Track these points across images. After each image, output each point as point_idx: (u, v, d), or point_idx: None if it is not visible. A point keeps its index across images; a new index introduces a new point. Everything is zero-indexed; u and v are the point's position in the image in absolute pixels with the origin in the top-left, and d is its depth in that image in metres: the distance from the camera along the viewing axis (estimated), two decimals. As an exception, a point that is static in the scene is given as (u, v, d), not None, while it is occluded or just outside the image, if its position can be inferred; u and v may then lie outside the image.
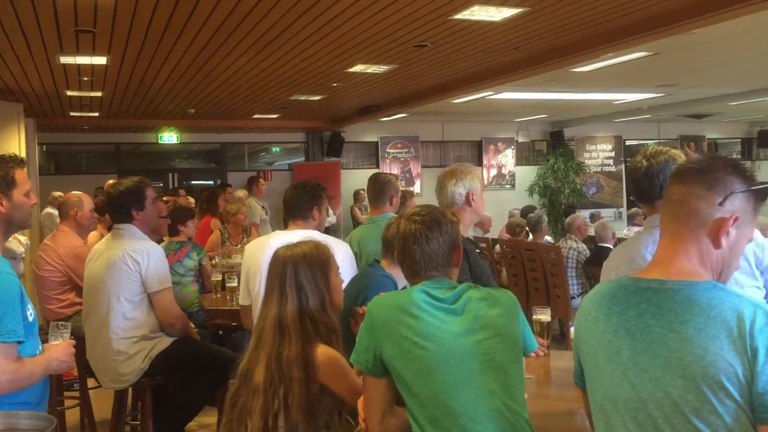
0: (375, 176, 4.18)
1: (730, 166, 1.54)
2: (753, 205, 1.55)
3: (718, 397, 1.37)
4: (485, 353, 1.91)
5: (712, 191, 1.51)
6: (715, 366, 1.38)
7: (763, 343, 1.36)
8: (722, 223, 1.50)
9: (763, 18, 5.23)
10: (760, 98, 10.43)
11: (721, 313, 1.41)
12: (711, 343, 1.39)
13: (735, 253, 1.56)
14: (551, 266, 7.20)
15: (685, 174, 1.57)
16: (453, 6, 4.84)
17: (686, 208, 1.54)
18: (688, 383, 1.40)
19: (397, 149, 13.49)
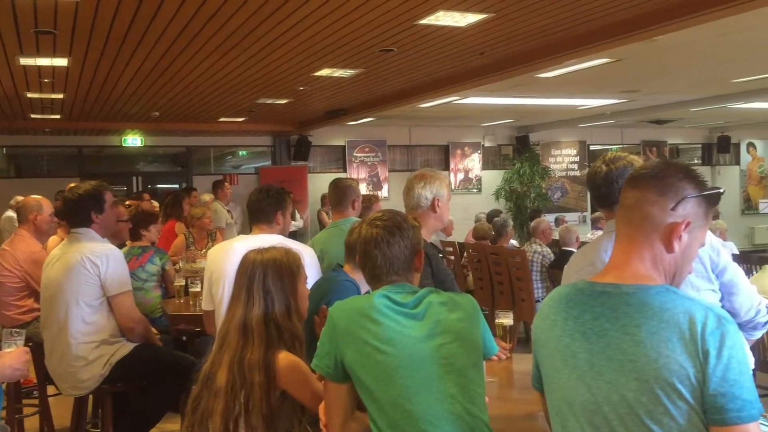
0: (336, 181, 4.19)
1: (682, 171, 1.57)
2: (704, 210, 1.57)
3: (671, 398, 1.39)
4: (445, 357, 1.92)
5: (664, 196, 1.53)
6: (668, 368, 1.40)
7: (714, 345, 1.39)
8: (674, 228, 1.53)
9: (721, 26, 5.35)
10: (720, 105, 10.64)
11: (674, 316, 1.43)
12: (664, 346, 1.41)
13: (687, 257, 1.58)
14: (516, 270, 7.26)
15: (639, 179, 1.59)
16: (418, 11, 4.86)
17: (640, 213, 1.56)
18: (642, 385, 1.42)
19: (365, 153, 13.50)
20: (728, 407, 1.37)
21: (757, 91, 9.54)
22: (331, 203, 4.21)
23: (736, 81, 8.81)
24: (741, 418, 1.37)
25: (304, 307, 2.54)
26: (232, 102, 9.04)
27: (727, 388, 1.37)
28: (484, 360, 2.07)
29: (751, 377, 1.42)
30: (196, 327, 4.51)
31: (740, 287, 2.51)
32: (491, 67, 6.86)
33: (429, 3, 4.66)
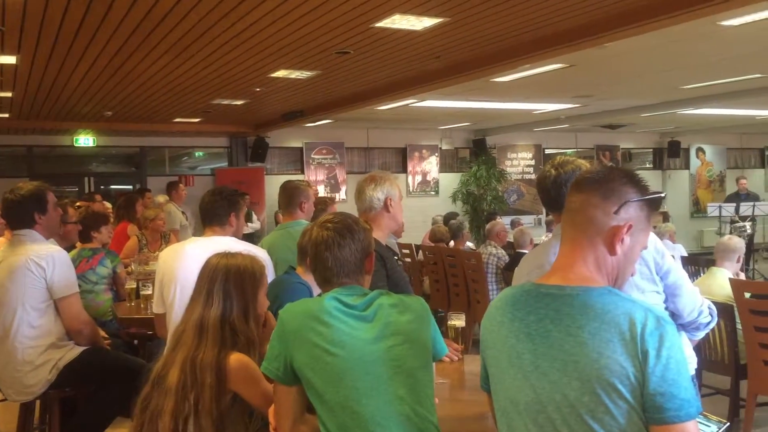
0: (285, 184, 4.19)
1: (625, 176, 1.60)
2: (646, 214, 1.61)
3: (612, 398, 1.42)
4: (395, 359, 1.93)
5: (607, 200, 1.57)
6: (609, 369, 1.42)
7: (654, 346, 1.42)
8: (617, 231, 1.56)
9: (668, 35, 5.49)
10: (669, 110, 10.90)
11: (615, 317, 1.46)
12: (605, 347, 1.44)
13: (629, 260, 1.62)
14: (472, 272, 7.33)
15: (584, 183, 1.62)
16: (374, 14, 4.88)
17: (583, 216, 1.59)
18: (584, 385, 1.45)
19: (322, 155, 13.47)
20: (667, 406, 1.40)
21: (705, 97, 9.81)
22: (280, 205, 4.20)
23: (684, 87, 9.04)
24: (679, 417, 1.40)
25: (263, 315, 2.54)
26: (187, 102, 8.93)
27: (666, 388, 1.40)
28: (434, 361, 2.09)
29: (689, 377, 1.45)
30: (147, 330, 4.44)
31: (683, 289, 2.57)
32: (447, 71, 6.92)
33: (385, 6, 4.68)
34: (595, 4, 4.71)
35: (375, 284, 2.87)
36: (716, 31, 5.70)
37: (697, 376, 4.98)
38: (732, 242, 5.17)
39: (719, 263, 5.15)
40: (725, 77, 8.21)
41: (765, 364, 4.44)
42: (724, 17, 5.21)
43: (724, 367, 4.83)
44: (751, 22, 5.41)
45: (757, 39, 6.14)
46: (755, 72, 7.95)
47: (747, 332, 4.54)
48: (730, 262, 5.10)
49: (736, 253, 5.12)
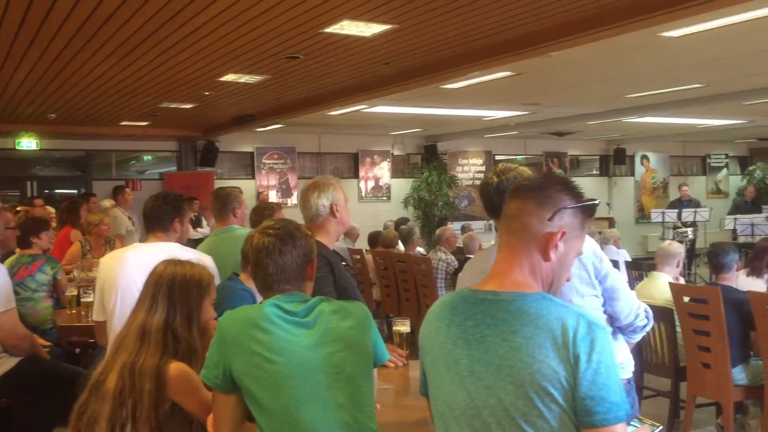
0: (216, 191, 4.18)
1: (560, 183, 1.63)
2: (580, 221, 1.63)
3: (544, 402, 1.45)
4: (335, 366, 1.93)
5: (542, 207, 1.59)
6: (541, 373, 1.45)
7: (585, 350, 1.44)
8: (551, 238, 1.58)
9: (613, 44, 5.62)
10: (614, 119, 11.16)
11: (548, 322, 1.48)
12: (538, 351, 1.46)
13: (564, 266, 1.64)
14: (422, 277, 7.38)
15: (520, 190, 1.65)
16: (323, 19, 4.87)
17: (519, 223, 1.61)
18: (518, 389, 1.47)
19: (274, 160, 13.37)
20: (596, 410, 1.43)
21: (648, 106, 10.07)
22: (213, 212, 4.17)
23: (628, 96, 9.27)
24: (608, 420, 1.43)
25: (207, 325, 2.51)
26: (134, 105, 8.77)
27: (596, 392, 1.43)
28: (376, 367, 2.10)
29: (619, 381, 1.48)
30: (89, 338, 4.35)
31: (621, 293, 2.64)
32: (397, 77, 6.95)
33: (333, 12, 4.69)
34: (541, 14, 4.80)
35: (322, 290, 2.88)
36: (658, 41, 5.86)
37: (638, 379, 5.13)
38: (672, 247, 5.31)
39: (660, 268, 5.29)
40: (667, 87, 8.44)
41: (703, 366, 4.57)
42: (664, 29, 5.36)
43: (664, 369, 4.96)
44: (691, 34, 5.58)
45: (696, 50, 6.33)
46: (696, 82, 8.20)
47: (686, 335, 4.67)
48: (670, 266, 5.24)
49: (675, 258, 5.26)
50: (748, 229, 11.14)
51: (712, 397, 4.69)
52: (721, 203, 16.59)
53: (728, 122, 12.77)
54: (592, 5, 4.57)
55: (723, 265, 4.75)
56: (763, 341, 4.26)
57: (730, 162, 18.38)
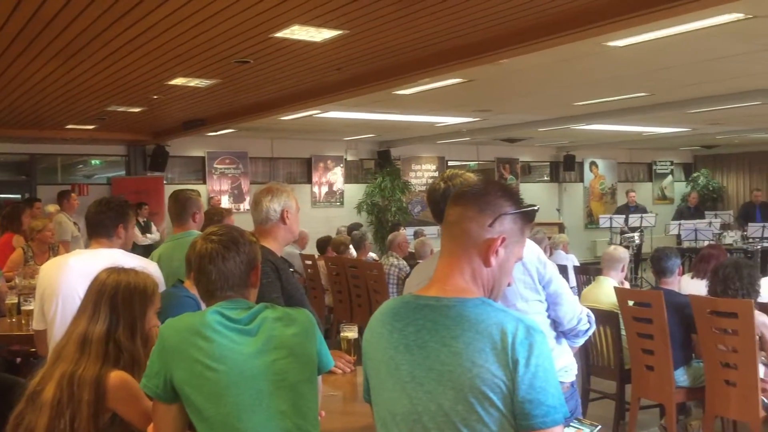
0: (176, 194, 4.07)
1: (500, 190, 1.65)
2: (520, 227, 1.65)
3: (484, 406, 1.46)
4: (277, 373, 1.92)
5: (483, 213, 1.61)
6: (481, 377, 1.46)
7: (523, 355, 1.46)
8: (491, 243, 1.60)
9: (560, 53, 5.73)
10: (564, 126, 11.37)
11: (488, 327, 1.50)
12: (478, 356, 1.47)
13: (504, 271, 1.66)
14: (374, 283, 7.38)
15: (461, 197, 1.66)
16: (273, 24, 4.84)
17: (460, 229, 1.63)
18: (458, 394, 1.48)
19: (225, 165, 13.23)
20: (534, 413, 1.45)
21: (596, 114, 10.28)
22: (171, 216, 4.09)
23: (577, 104, 9.46)
24: (545, 423, 1.45)
25: (151, 333, 2.47)
26: (80, 109, 8.57)
27: (534, 395, 1.45)
28: (321, 374, 2.09)
29: (557, 384, 1.51)
30: (30, 348, 4.22)
31: (564, 298, 2.68)
32: (349, 83, 6.95)
33: (283, 17, 4.66)
34: (490, 23, 4.85)
35: (269, 296, 2.86)
36: (603, 51, 5.99)
37: (585, 381, 5.22)
38: (617, 252, 5.42)
39: (605, 272, 5.40)
40: (613, 95, 8.63)
41: (647, 368, 4.67)
42: (610, 38, 5.49)
43: (609, 372, 5.05)
44: (635, 44, 5.72)
45: (641, 60, 6.49)
46: (641, 91, 8.42)
47: (630, 338, 4.77)
48: (616, 271, 5.36)
49: (620, 263, 5.38)
50: (692, 235, 11.46)
51: (656, 399, 4.79)
52: (666, 209, 17.03)
53: (673, 130, 13.13)
54: (540, 14, 4.65)
55: (666, 269, 4.87)
56: (703, 344, 4.38)
57: (675, 169, 18.90)
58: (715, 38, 5.64)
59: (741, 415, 4.29)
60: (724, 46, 6.01)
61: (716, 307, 4.27)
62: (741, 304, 4.15)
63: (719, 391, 4.30)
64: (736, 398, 4.21)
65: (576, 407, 2.76)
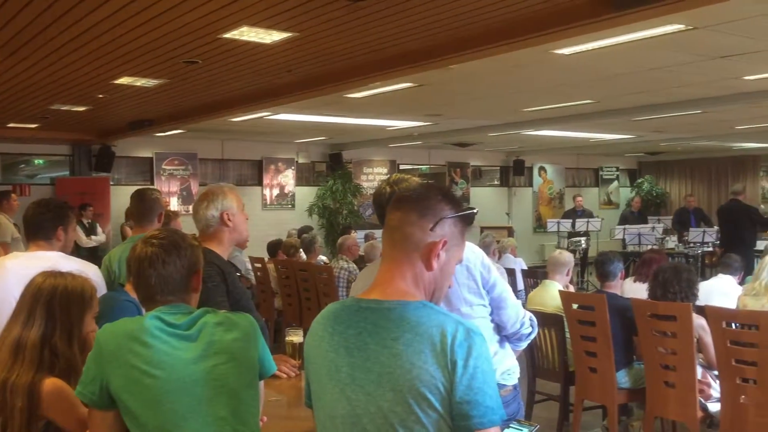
0: (142, 193, 3.98)
1: (440, 194, 1.67)
2: (460, 230, 1.67)
3: (422, 407, 1.47)
4: (217, 379, 1.89)
5: (424, 218, 1.62)
6: (420, 379, 1.47)
7: (462, 356, 1.48)
8: (433, 247, 1.61)
9: (509, 59, 5.81)
10: (513, 131, 11.53)
11: (428, 329, 1.51)
12: (417, 358, 1.49)
13: (446, 274, 1.68)
14: (323, 286, 7.36)
15: (402, 201, 1.67)
16: (221, 25, 4.79)
17: (402, 233, 1.64)
18: (397, 396, 1.49)
19: (174, 166, 13.03)
20: (472, 414, 1.47)
21: (545, 120, 10.46)
22: (134, 216, 3.99)
23: (526, 110, 9.60)
24: (483, 423, 1.47)
25: (88, 339, 2.41)
26: (22, 107, 8.33)
27: (472, 396, 1.47)
28: (263, 380, 2.07)
29: (495, 386, 1.53)
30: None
31: (507, 302, 2.71)
32: (300, 85, 6.92)
33: (232, 18, 4.61)
34: (440, 28, 4.89)
35: (215, 299, 2.83)
36: (551, 58, 6.10)
37: (531, 383, 5.29)
38: (562, 256, 5.52)
39: (551, 276, 5.49)
40: (561, 102, 8.79)
41: (590, 370, 4.76)
42: (556, 46, 5.60)
43: (554, 374, 5.14)
44: (581, 52, 5.84)
45: (587, 67, 6.63)
46: (587, 98, 8.60)
47: (574, 341, 4.86)
48: (561, 275, 5.45)
49: (565, 267, 5.47)
50: (636, 239, 11.74)
51: (598, 401, 4.89)
52: (612, 214, 17.41)
53: (618, 137, 13.45)
54: (488, 21, 4.71)
55: (609, 273, 4.98)
56: (643, 346, 4.49)
57: (621, 174, 19.36)
58: (658, 48, 5.80)
59: (679, 416, 4.41)
60: (667, 56, 6.18)
61: (656, 310, 4.38)
62: (680, 308, 4.27)
63: (659, 392, 4.41)
64: (675, 399, 4.33)
65: (518, 410, 2.80)
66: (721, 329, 4.10)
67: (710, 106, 8.79)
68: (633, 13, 4.04)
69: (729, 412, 4.10)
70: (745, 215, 9.78)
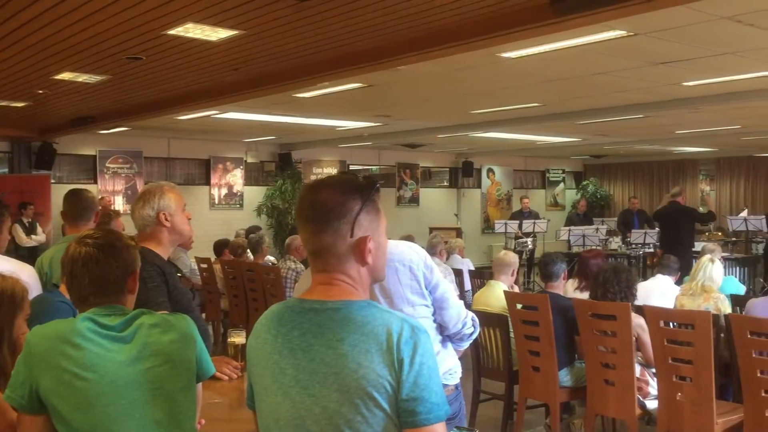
0: (78, 193, 3.86)
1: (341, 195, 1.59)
2: (374, 214, 1.62)
3: (368, 407, 1.47)
4: (152, 381, 1.86)
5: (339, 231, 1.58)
6: (366, 378, 1.47)
7: (408, 354, 1.48)
8: (361, 247, 1.59)
9: (456, 62, 5.87)
10: (462, 133, 11.64)
11: (374, 328, 1.51)
12: (363, 357, 1.48)
13: (380, 255, 1.66)
14: (271, 287, 7.30)
15: (309, 221, 1.61)
16: (166, 21, 4.71)
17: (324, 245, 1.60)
18: (343, 396, 1.49)
19: (119, 164, 12.75)
20: (418, 410, 1.47)
21: (493, 122, 10.59)
22: (70, 216, 3.87)
23: (474, 112, 9.70)
24: (429, 419, 1.48)
25: (20, 342, 2.33)
26: (-43, 102, 8.06)
27: (418, 393, 1.48)
28: (200, 382, 2.04)
29: (439, 382, 1.54)
30: None
31: (450, 302, 2.74)
32: (247, 84, 6.85)
33: (176, 14, 4.54)
34: (387, 29, 4.90)
35: (155, 300, 2.77)
36: (497, 62, 6.18)
37: (476, 383, 5.35)
38: (507, 257, 5.60)
39: (496, 277, 5.56)
40: (507, 105, 8.92)
41: (533, 369, 4.84)
42: (502, 50, 5.66)
43: (499, 373, 5.20)
44: (527, 56, 5.93)
45: (532, 71, 6.74)
46: (533, 101, 8.73)
47: (518, 341, 4.93)
48: (506, 275, 5.52)
49: (510, 267, 5.55)
50: (580, 240, 11.98)
51: (541, 399, 4.97)
52: (558, 215, 17.75)
53: (564, 140, 13.70)
54: (435, 23, 4.74)
55: (552, 273, 5.06)
56: (585, 345, 4.58)
57: (567, 177, 19.74)
58: (601, 54, 5.93)
59: (619, 413, 4.51)
60: (609, 62, 6.33)
61: (596, 309, 4.47)
62: (619, 307, 4.37)
63: (599, 390, 4.51)
64: (615, 397, 4.43)
65: (460, 410, 2.82)
66: (659, 328, 4.21)
67: (651, 111, 9.04)
68: (574, 19, 4.13)
69: (666, 409, 4.22)
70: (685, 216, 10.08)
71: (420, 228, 12.67)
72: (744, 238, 12.29)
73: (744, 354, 3.93)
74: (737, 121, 10.74)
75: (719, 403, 4.11)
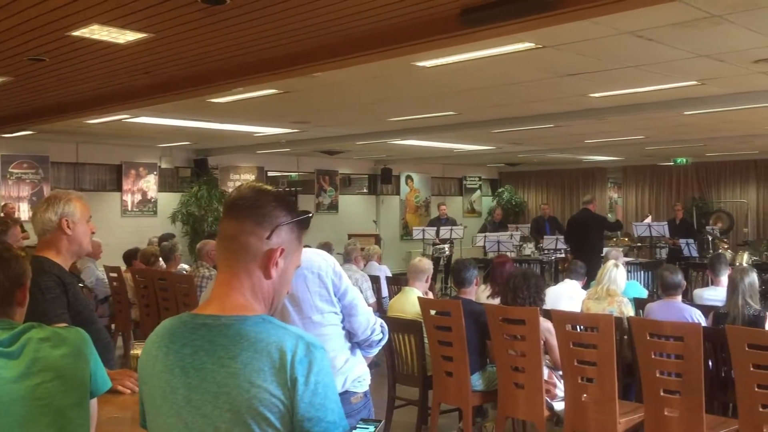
0: None
1: (275, 200, 1.60)
2: (297, 235, 1.63)
3: (262, 428, 1.43)
4: (41, 398, 1.77)
5: (260, 226, 1.57)
6: (259, 398, 1.43)
7: (303, 372, 1.44)
8: (271, 255, 1.57)
9: (372, 69, 5.89)
10: (380, 140, 11.71)
11: (267, 346, 1.46)
12: (256, 376, 1.44)
13: (284, 281, 1.63)
14: (184, 296, 7.11)
15: (235, 210, 1.60)
16: (70, 21, 4.53)
17: (238, 243, 1.58)
18: (235, 417, 1.44)
19: (23, 169, 12.18)
20: (314, 430, 1.44)
21: (410, 129, 10.70)
22: None
23: (391, 119, 9.78)
24: None
25: None
26: None
27: (313, 413, 1.44)
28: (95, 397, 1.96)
29: (337, 400, 1.51)
30: None
31: (358, 309, 2.74)
32: (159, 88, 6.67)
33: (81, 15, 4.38)
34: (301, 35, 4.87)
35: (54, 312, 2.66)
36: (413, 70, 6.25)
37: (391, 389, 5.37)
38: (421, 264, 5.66)
39: (411, 283, 5.61)
40: (423, 113, 9.02)
41: (446, 374, 4.90)
42: (417, 58, 5.73)
43: (414, 379, 5.24)
44: (441, 65, 6.02)
45: (447, 80, 6.85)
46: (449, 110, 8.88)
47: (432, 346, 4.98)
48: (420, 282, 5.58)
49: (425, 274, 5.61)
50: (495, 246, 12.24)
51: (454, 404, 5.04)
52: (474, 221, 18.10)
53: (480, 148, 13.99)
54: (350, 30, 4.75)
55: (464, 279, 5.15)
56: (496, 349, 4.68)
57: (483, 184, 20.17)
58: (512, 64, 6.09)
59: (528, 415, 4.62)
60: (520, 72, 6.50)
61: (507, 314, 4.58)
62: (528, 312, 4.49)
63: (509, 393, 4.61)
64: (524, 399, 4.54)
65: (369, 417, 2.82)
66: (565, 331, 4.35)
67: (561, 120, 9.34)
68: (482, 31, 4.22)
69: (572, 410, 4.35)
70: (595, 223, 10.47)
71: (339, 235, 12.66)
72: (648, 243, 12.84)
73: (644, 355, 4.10)
74: (641, 132, 11.25)
75: (622, 403, 4.27)
